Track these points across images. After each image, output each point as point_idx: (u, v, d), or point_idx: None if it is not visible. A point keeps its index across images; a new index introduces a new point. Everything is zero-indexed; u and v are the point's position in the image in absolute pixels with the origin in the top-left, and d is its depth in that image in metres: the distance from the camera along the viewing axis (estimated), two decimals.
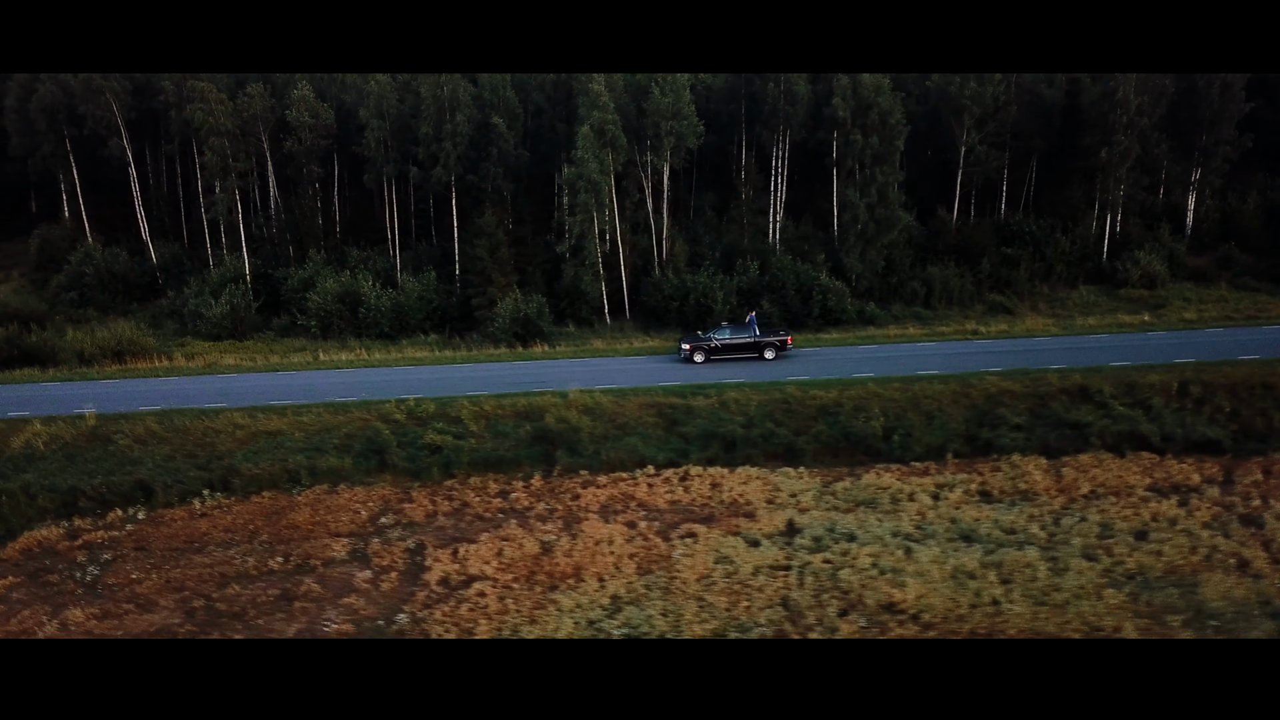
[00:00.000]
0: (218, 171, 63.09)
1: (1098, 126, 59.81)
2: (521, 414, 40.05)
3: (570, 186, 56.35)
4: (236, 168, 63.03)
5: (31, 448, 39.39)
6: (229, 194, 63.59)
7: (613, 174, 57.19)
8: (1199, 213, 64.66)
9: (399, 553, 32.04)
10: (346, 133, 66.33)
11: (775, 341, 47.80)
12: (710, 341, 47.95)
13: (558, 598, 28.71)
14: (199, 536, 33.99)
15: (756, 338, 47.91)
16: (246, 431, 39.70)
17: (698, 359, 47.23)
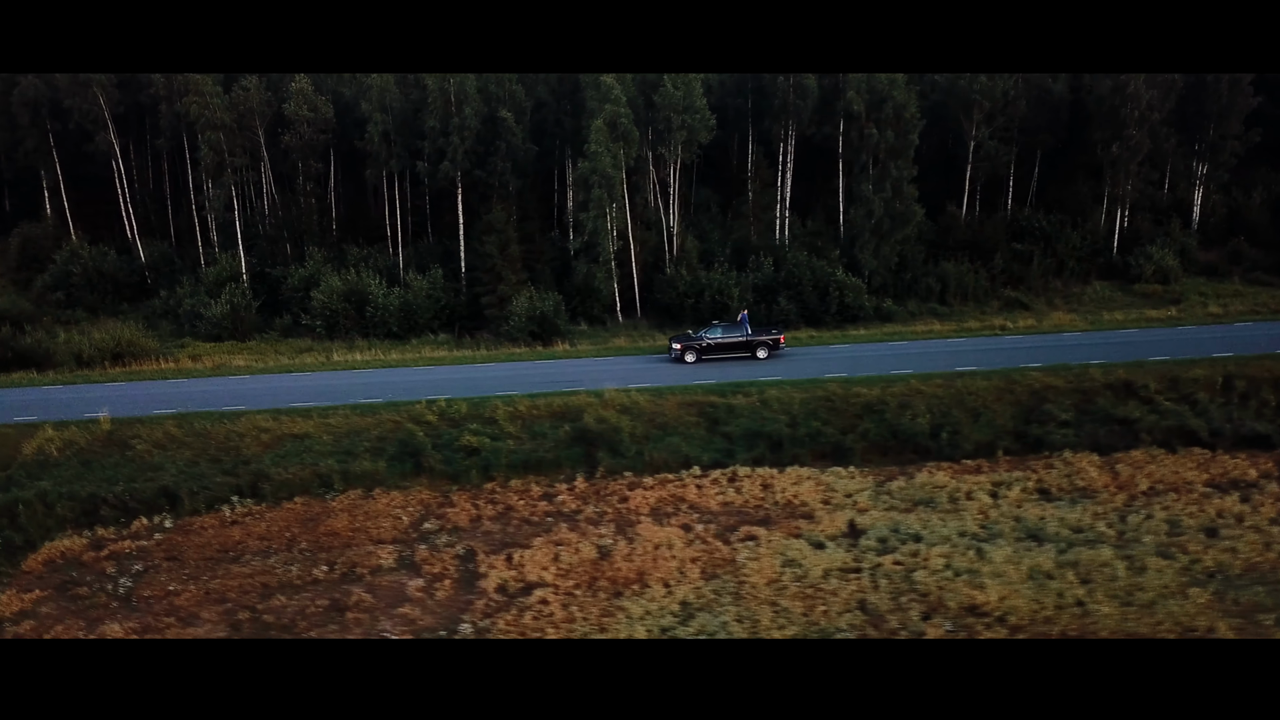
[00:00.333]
0: (213, 167, 61.27)
1: (1109, 121, 59.59)
2: (557, 414, 38.87)
3: (583, 181, 55.17)
4: (232, 163, 61.18)
5: (44, 454, 37.62)
6: (225, 190, 61.67)
7: (624, 169, 56.09)
8: (1205, 208, 64.67)
9: (449, 559, 30.77)
10: (344, 127, 64.75)
11: (768, 340, 46.65)
12: (701, 340, 46.68)
13: (625, 604, 27.60)
14: (233, 545, 32.50)
15: (749, 337, 46.71)
16: (271, 435, 38.18)
17: (689, 359, 46.04)
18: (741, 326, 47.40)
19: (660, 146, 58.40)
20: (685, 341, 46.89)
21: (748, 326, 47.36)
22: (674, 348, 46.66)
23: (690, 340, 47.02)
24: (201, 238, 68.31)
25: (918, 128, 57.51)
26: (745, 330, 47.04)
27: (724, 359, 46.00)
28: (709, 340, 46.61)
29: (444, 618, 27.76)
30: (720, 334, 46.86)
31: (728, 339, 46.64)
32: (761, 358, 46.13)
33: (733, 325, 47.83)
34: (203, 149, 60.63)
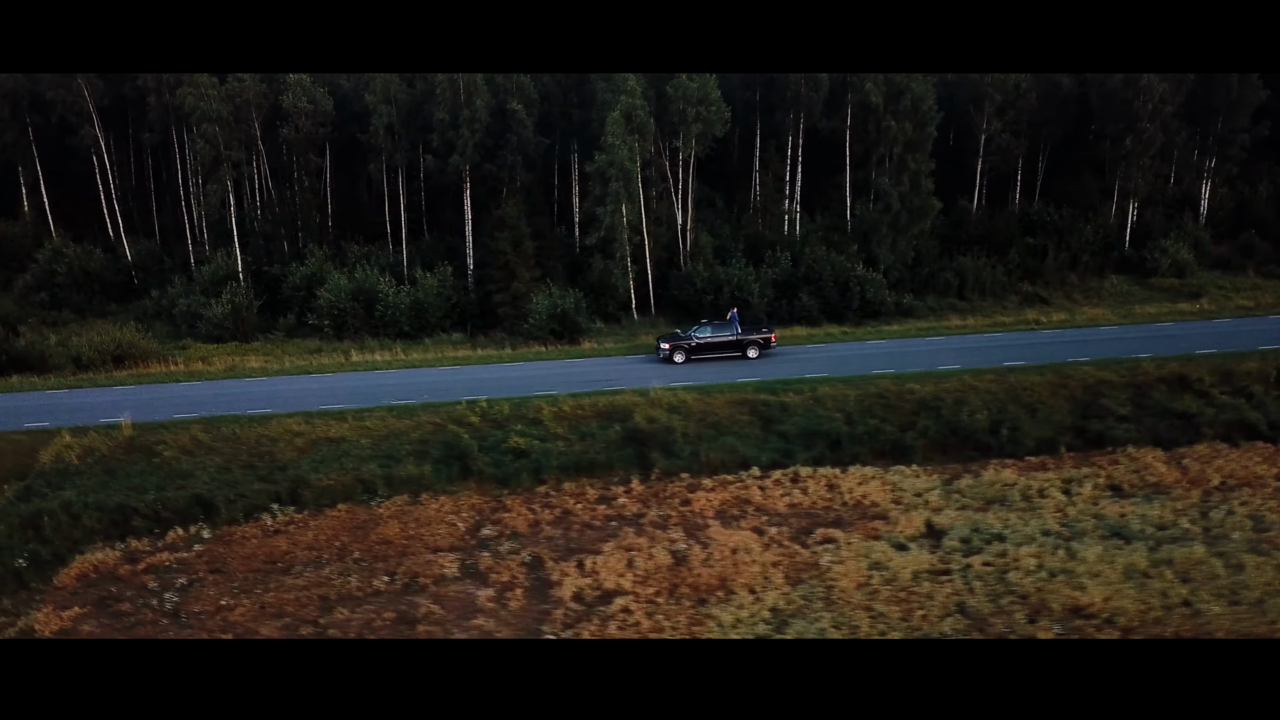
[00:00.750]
0: (208, 162, 59.06)
1: (1122, 114, 59.34)
2: (603, 414, 37.52)
3: (599, 175, 53.75)
4: (228, 157, 58.99)
5: (64, 461, 35.59)
6: (221, 185, 59.43)
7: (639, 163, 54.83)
8: (1214, 202, 64.68)
9: (515, 567, 29.32)
10: (341, 120, 62.83)
11: (759, 339, 45.28)
12: (691, 340, 45.20)
13: (713, 612, 26.37)
14: (280, 555, 30.78)
15: (739, 335, 45.29)
16: (306, 439, 36.43)
17: (677, 359, 44.56)
18: (731, 325, 45.97)
19: (675, 140, 57.17)
20: (674, 341, 45.44)
21: (738, 325, 45.99)
22: (662, 348, 45.19)
23: (679, 340, 45.56)
24: (191, 235, 66.10)
25: (935, 120, 56.83)
26: (735, 329, 45.63)
27: (714, 359, 44.65)
28: (698, 339, 45.18)
29: (521, 629, 26.34)
30: (710, 333, 45.44)
31: (717, 338, 45.25)
32: (752, 357, 44.81)
33: (722, 324, 46.38)
34: (198, 143, 58.39)
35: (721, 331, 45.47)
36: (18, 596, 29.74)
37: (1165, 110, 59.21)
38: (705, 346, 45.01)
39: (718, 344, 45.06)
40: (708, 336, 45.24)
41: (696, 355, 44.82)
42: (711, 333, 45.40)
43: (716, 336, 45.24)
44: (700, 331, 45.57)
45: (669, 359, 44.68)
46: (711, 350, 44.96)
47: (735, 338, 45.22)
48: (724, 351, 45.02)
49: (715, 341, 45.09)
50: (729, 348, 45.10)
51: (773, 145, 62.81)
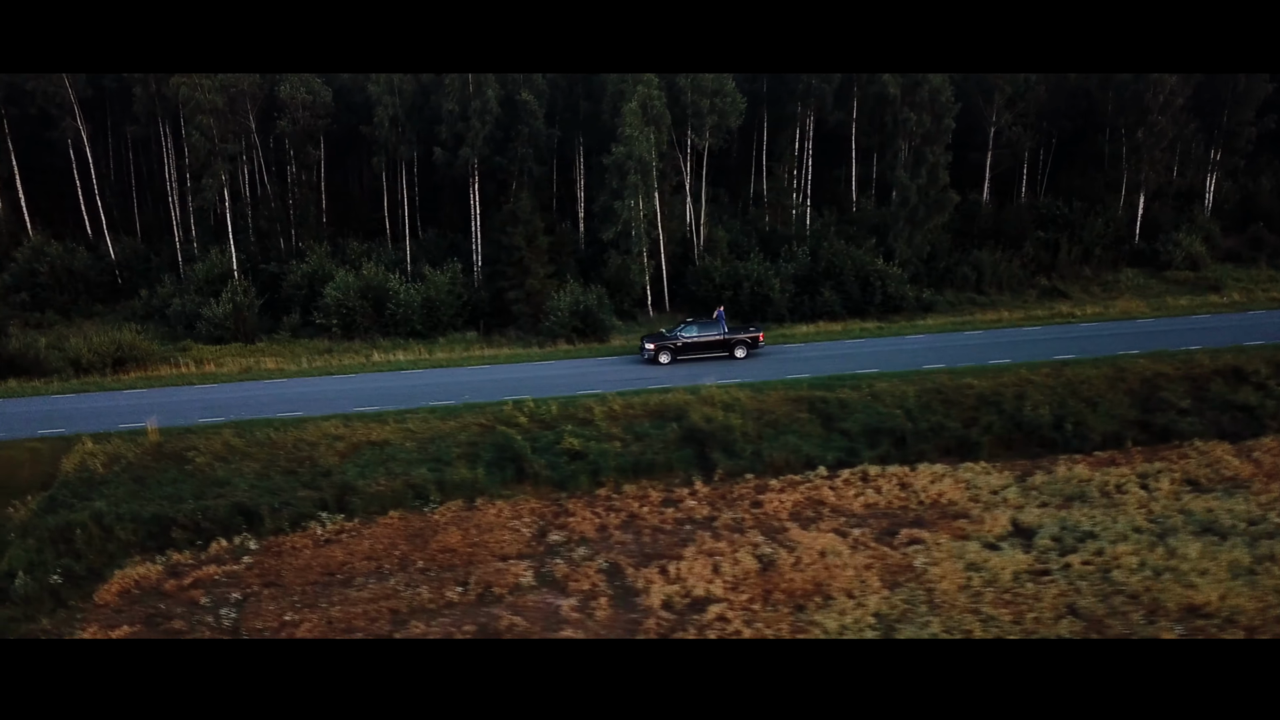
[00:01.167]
0: (203, 155, 56.72)
1: (1133, 106, 59.12)
2: (655, 413, 36.14)
3: (617, 168, 52.30)
4: (223, 150, 56.74)
5: (89, 470, 33.47)
6: (216, 180, 57.15)
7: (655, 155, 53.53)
8: (1219, 195, 64.72)
9: (593, 574, 27.84)
10: (340, 112, 60.83)
11: (746, 339, 43.79)
12: (676, 339, 43.65)
13: (815, 618, 25.12)
14: (337, 566, 29.04)
15: (726, 335, 43.83)
16: (347, 443, 34.64)
17: (663, 359, 43.05)
18: (718, 324, 44.47)
19: (691, 132, 55.89)
20: (659, 341, 43.88)
21: (724, 324, 44.60)
22: (646, 348, 43.58)
23: (664, 339, 43.98)
24: (179, 232, 63.55)
25: (953, 111, 56.13)
26: (722, 328, 44.18)
27: (700, 359, 43.26)
28: (684, 339, 43.69)
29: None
30: (696, 332, 43.92)
31: (704, 337, 43.75)
32: (740, 357, 43.40)
33: (709, 322, 44.89)
34: (192, 135, 56.07)
35: (708, 331, 44.03)
36: (57, 615, 27.70)
37: (1176, 103, 59.07)
38: (691, 346, 43.60)
39: (704, 343, 43.67)
40: (694, 336, 43.77)
41: (683, 355, 43.40)
42: (698, 332, 43.92)
43: (703, 336, 43.79)
44: (686, 331, 44.09)
45: (654, 359, 43.20)
46: (698, 350, 43.59)
47: (722, 337, 43.78)
48: (710, 351, 43.63)
49: (702, 341, 43.68)
50: (716, 347, 43.69)
51: (783, 138, 61.73)
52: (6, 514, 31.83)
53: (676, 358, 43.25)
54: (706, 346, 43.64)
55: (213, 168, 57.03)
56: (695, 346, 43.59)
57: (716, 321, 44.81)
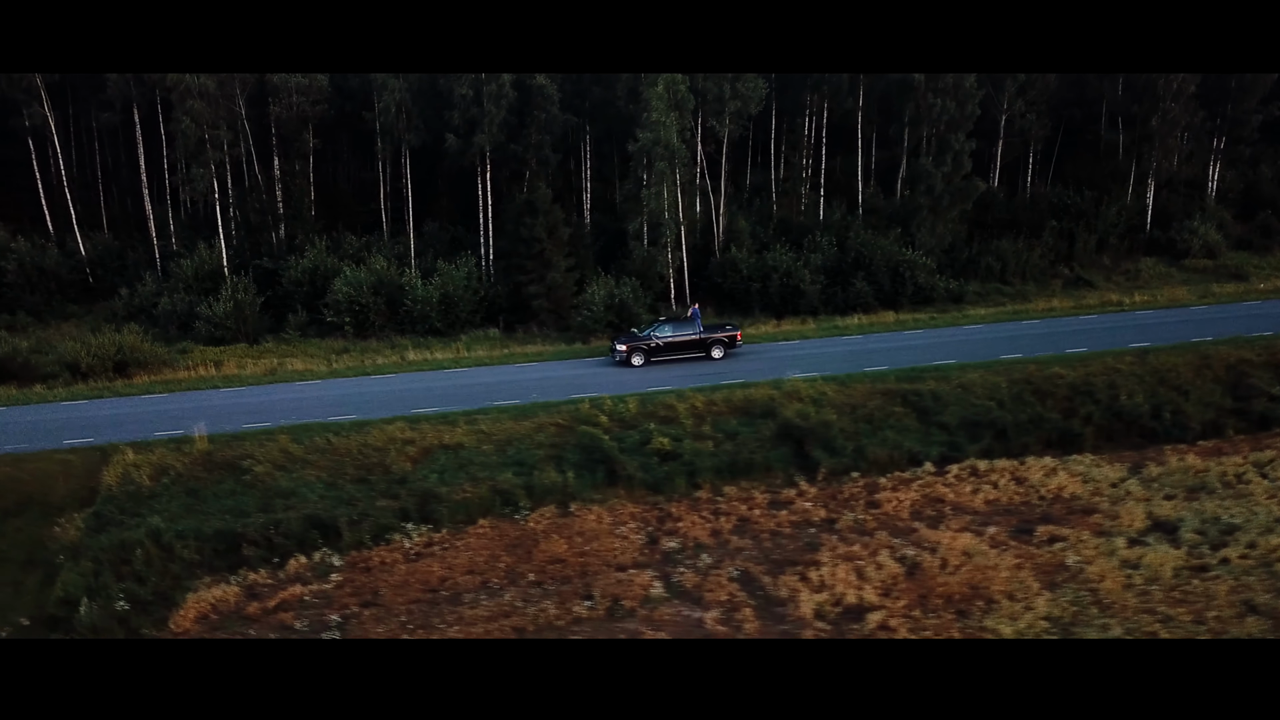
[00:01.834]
0: (194, 142, 53.14)
1: (1146, 93, 58.76)
2: (739, 409, 34.15)
3: (644, 155, 50.03)
4: (215, 136, 53.25)
5: (134, 482, 30.36)
6: (207, 170, 53.60)
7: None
8: (1223, 183, 64.75)
9: (725, 583, 25.77)
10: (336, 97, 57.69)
11: (723, 338, 41.58)
12: (650, 340, 41.20)
13: (987, 624, 23.39)
14: (438, 582, 26.51)
15: (702, 334, 41.49)
16: (418, 447, 32.02)
17: (635, 361, 40.54)
18: (694, 323, 42.18)
19: (711, 119, 53.96)
20: (631, 342, 41.37)
21: (699, 323, 42.41)
22: (618, 349, 41.16)
23: (637, 340, 41.50)
24: (156, 227, 59.65)
25: (977, 97, 55.07)
26: (698, 327, 41.89)
27: (674, 360, 40.95)
28: (659, 339, 41.22)
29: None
30: (671, 332, 41.50)
31: (679, 337, 41.36)
32: (717, 357, 41.15)
33: (683, 321, 42.59)
34: (182, 121, 52.35)
35: (683, 330, 41.66)
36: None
37: (1189, 90, 58.82)
38: (667, 347, 41.22)
39: (680, 344, 41.30)
40: (669, 336, 41.33)
41: (657, 357, 41.03)
42: (673, 332, 41.50)
43: (679, 335, 41.39)
44: (660, 330, 41.63)
45: (626, 362, 40.71)
46: (673, 351, 41.25)
47: (698, 337, 41.46)
48: (686, 352, 41.32)
49: (678, 341, 41.29)
50: (692, 347, 41.39)
51: (800, 126, 60.12)
52: (51, 533, 28.62)
53: (651, 359, 40.85)
54: (682, 347, 41.33)
55: (203, 156, 53.52)
56: (671, 347, 41.25)
57: (692, 320, 42.48)
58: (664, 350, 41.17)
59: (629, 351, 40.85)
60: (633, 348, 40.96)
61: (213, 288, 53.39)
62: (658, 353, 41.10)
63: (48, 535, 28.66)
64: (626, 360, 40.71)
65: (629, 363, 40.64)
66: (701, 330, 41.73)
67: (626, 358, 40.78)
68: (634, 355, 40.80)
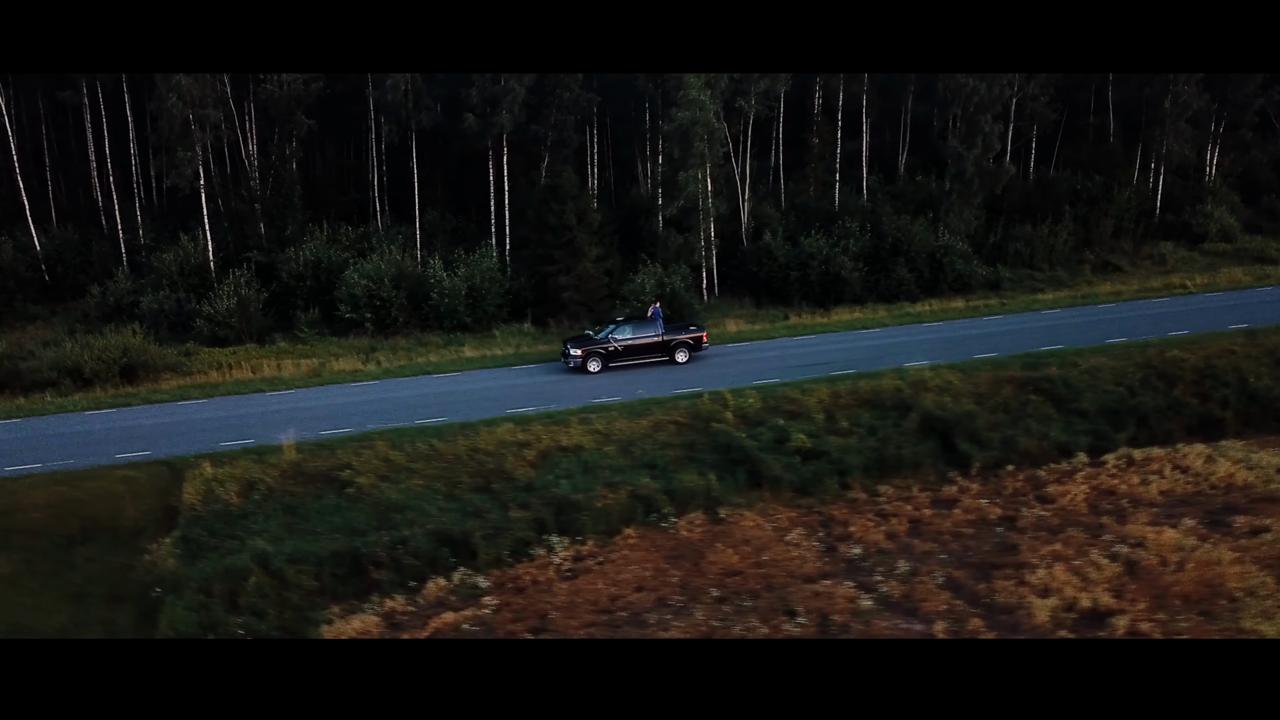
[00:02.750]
0: (180, 123, 48.58)
1: (1158, 77, 58.36)
2: (868, 401, 31.81)
3: (681, 135, 47.28)
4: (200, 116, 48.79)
5: (219, 500, 26.54)
6: (193, 154, 49.13)
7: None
8: (1223, 167, 64.81)
9: (933, 591, 23.29)
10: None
11: (688, 340, 38.38)
12: (608, 343, 37.77)
13: (1245, 626, 21.41)
14: (608, 601, 23.48)
15: (664, 336, 38.24)
16: (534, 450, 28.81)
17: (592, 367, 37.22)
18: (655, 323, 38.87)
19: (739, 98, 51.50)
20: (586, 345, 37.81)
21: (661, 323, 39.12)
22: (572, 354, 37.55)
23: (592, 343, 37.99)
24: (122, 218, 54.64)
25: (1006, 78, 53.78)
26: (659, 328, 38.59)
27: (634, 365, 37.80)
28: (618, 342, 37.86)
29: None
30: (630, 333, 38.12)
31: (640, 339, 38.07)
32: (681, 361, 38.07)
33: (644, 322, 39.16)
34: (168, 99, 47.71)
35: (644, 331, 38.34)
36: None
37: (1198, 74, 58.62)
38: (627, 350, 37.94)
39: (641, 346, 38.07)
40: (629, 338, 38.00)
41: (616, 362, 37.77)
42: (632, 333, 38.14)
43: (639, 337, 38.11)
44: (619, 333, 38.17)
45: (581, 368, 37.26)
46: (634, 355, 37.99)
47: (661, 338, 38.25)
48: (648, 356, 38.13)
49: (639, 344, 38.05)
50: (653, 350, 38.20)
51: (821, 108, 58.06)
52: (134, 562, 24.65)
53: (609, 365, 37.59)
54: (644, 350, 38.11)
55: (188, 139, 48.98)
56: (631, 350, 37.95)
57: (653, 320, 39.15)
58: (624, 354, 37.83)
59: (584, 356, 37.30)
60: (589, 352, 37.44)
61: (200, 283, 49.19)
62: (617, 357, 37.73)
63: (132, 564, 24.67)
64: (582, 366, 37.22)
65: (584, 369, 37.19)
66: (664, 331, 38.39)
67: (582, 363, 37.23)
68: (590, 360, 37.32)
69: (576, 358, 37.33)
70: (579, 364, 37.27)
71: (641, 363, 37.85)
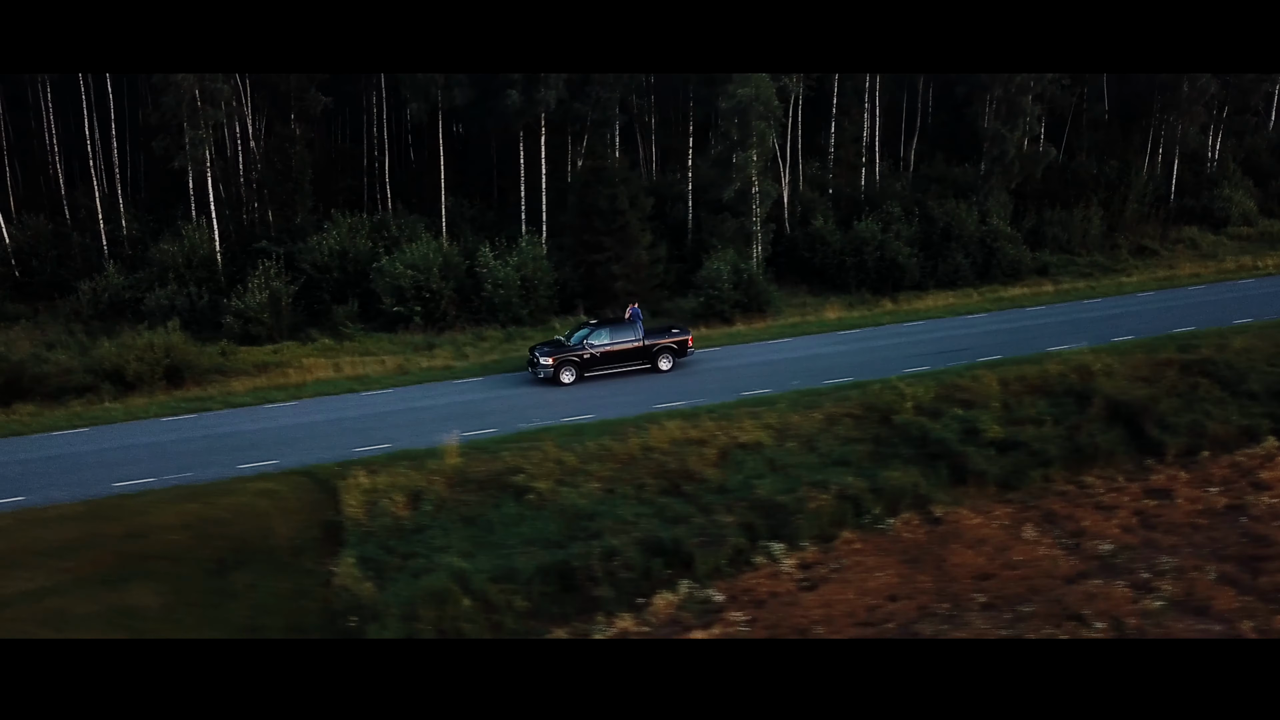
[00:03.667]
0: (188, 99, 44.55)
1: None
2: (1038, 388, 30.00)
3: (739, 113, 44.97)
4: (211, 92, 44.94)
5: (384, 512, 23.33)
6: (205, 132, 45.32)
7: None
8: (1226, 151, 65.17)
9: (1214, 587, 21.47)
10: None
11: (671, 344, 34.81)
12: (583, 350, 33.89)
13: None
14: (865, 612, 21.05)
15: (645, 341, 34.64)
16: (713, 447, 26.21)
17: (565, 378, 33.30)
18: (634, 326, 35.23)
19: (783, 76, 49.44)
20: (558, 353, 33.77)
21: (641, 326, 35.57)
22: (542, 363, 33.43)
23: (564, 350, 33.95)
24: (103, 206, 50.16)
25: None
26: (638, 331, 34.93)
27: (611, 374, 34.13)
28: (595, 349, 34.06)
29: None
30: (608, 338, 34.35)
31: (619, 345, 34.31)
32: (665, 369, 34.55)
33: (621, 324, 35.45)
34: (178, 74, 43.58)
35: (622, 335, 34.63)
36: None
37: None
38: (604, 358, 34.16)
39: (619, 353, 34.29)
40: (605, 344, 34.27)
41: (591, 371, 33.94)
42: (610, 338, 34.42)
43: (617, 343, 34.38)
44: (596, 337, 34.30)
45: (553, 378, 33.32)
46: (611, 362, 34.24)
47: (641, 343, 34.56)
48: (626, 363, 34.43)
49: (617, 350, 34.29)
50: (633, 357, 34.43)
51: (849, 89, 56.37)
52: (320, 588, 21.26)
53: (584, 374, 33.71)
54: (622, 357, 34.34)
55: (195, 117, 44.98)
56: (609, 358, 34.22)
57: (632, 323, 35.59)
58: (600, 362, 34.05)
59: (557, 365, 33.34)
60: (561, 360, 33.49)
61: (208, 277, 45.21)
62: (592, 365, 33.92)
63: (302, 589, 21.33)
64: (554, 376, 33.32)
65: (557, 379, 33.37)
66: (643, 335, 34.83)
67: (554, 373, 33.32)
68: (563, 370, 33.41)
69: (547, 367, 33.20)
70: (550, 374, 33.23)
71: (619, 371, 34.07)
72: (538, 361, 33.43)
